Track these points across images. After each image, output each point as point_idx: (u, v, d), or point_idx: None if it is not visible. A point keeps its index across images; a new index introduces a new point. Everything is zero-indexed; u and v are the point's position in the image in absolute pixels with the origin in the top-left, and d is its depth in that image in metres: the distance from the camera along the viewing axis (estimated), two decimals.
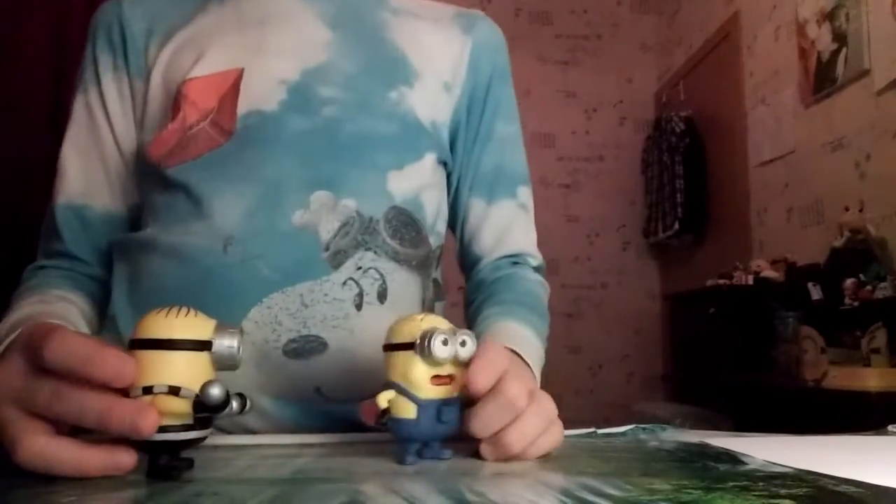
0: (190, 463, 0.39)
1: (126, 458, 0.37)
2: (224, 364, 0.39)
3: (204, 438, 0.39)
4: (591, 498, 0.32)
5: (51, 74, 2.30)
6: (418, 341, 0.42)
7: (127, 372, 0.37)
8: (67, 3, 2.37)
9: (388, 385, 0.43)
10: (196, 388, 0.37)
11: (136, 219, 0.74)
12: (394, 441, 0.45)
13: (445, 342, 0.42)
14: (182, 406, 0.36)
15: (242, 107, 0.67)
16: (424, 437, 0.44)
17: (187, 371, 0.37)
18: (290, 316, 0.62)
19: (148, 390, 0.36)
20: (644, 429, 0.58)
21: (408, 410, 0.43)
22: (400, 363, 0.43)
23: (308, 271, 0.64)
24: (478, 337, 0.67)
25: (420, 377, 0.42)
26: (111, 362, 0.37)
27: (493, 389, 0.44)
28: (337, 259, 0.65)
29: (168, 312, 0.38)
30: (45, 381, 0.38)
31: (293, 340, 0.63)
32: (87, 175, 0.73)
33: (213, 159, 0.66)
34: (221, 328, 0.39)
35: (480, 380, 0.43)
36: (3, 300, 0.65)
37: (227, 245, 0.63)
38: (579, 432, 0.57)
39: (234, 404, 0.38)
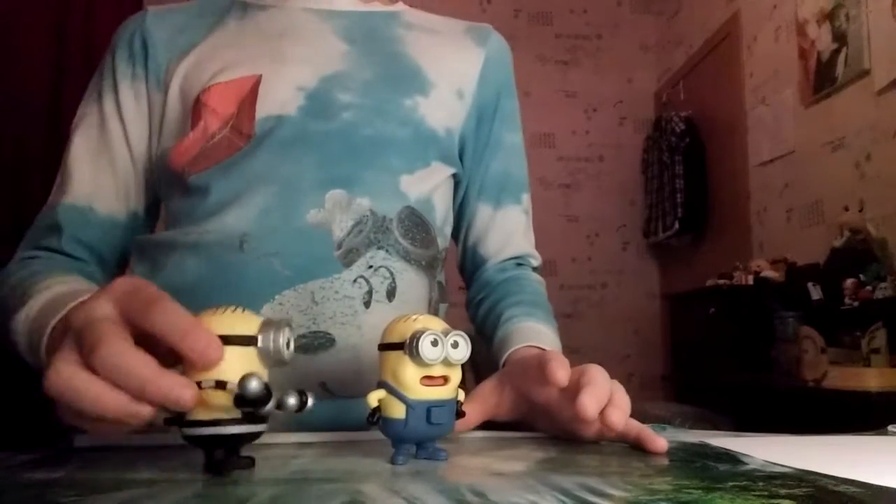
0: (250, 461, 0.39)
1: (145, 410, 0.36)
2: (272, 359, 0.39)
3: (259, 434, 0.39)
4: (591, 498, 0.32)
5: (51, 75, 2.31)
6: (407, 341, 0.42)
7: (214, 356, 0.36)
8: (67, 3, 2.37)
9: (380, 384, 0.43)
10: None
11: (135, 227, 0.76)
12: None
13: (435, 343, 0.41)
14: (220, 398, 0.36)
15: (261, 111, 0.69)
16: (413, 438, 0.43)
17: (235, 366, 0.37)
18: (300, 313, 0.64)
19: (197, 385, 0.36)
20: None
21: (397, 410, 0.42)
22: (391, 363, 0.43)
23: (320, 269, 0.65)
24: (506, 335, 0.69)
25: (409, 378, 0.42)
26: (203, 342, 0.36)
27: (585, 380, 0.48)
28: (349, 257, 0.66)
29: (216, 310, 0.39)
30: (114, 332, 0.37)
31: (302, 336, 0.64)
32: (95, 179, 0.74)
33: (233, 162, 0.69)
34: (268, 324, 0.39)
35: (561, 375, 0.48)
36: None
37: (243, 242, 0.65)
38: None
39: (292, 400, 0.38)
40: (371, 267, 0.67)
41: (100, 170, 0.74)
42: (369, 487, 0.34)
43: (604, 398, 0.47)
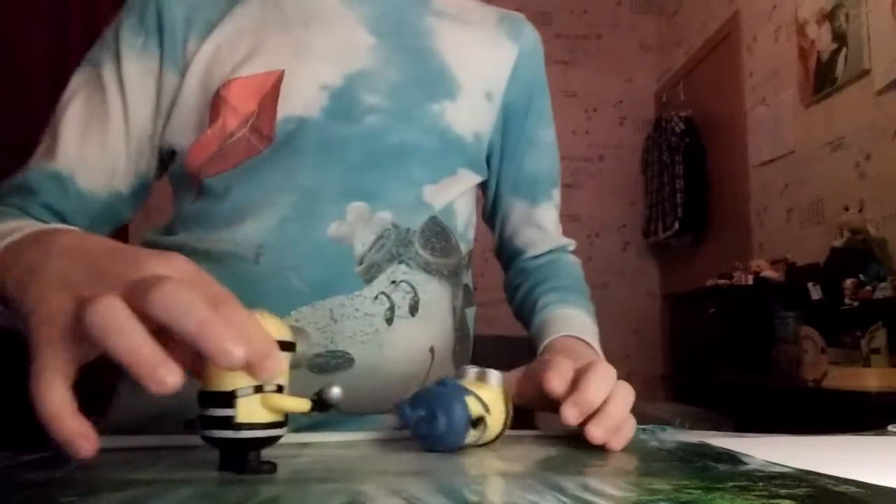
0: (273, 467, 0.40)
1: (172, 378, 0.32)
2: (297, 365, 0.40)
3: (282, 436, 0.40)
4: (591, 498, 0.32)
5: (51, 74, 2.30)
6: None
7: (274, 368, 0.35)
8: (67, 2, 2.36)
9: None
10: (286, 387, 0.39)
11: (116, 205, 0.71)
12: (393, 441, 0.46)
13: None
14: (292, 403, 0.38)
15: (282, 111, 0.66)
16: (419, 393, 0.48)
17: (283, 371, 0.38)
18: (317, 331, 0.61)
19: (258, 389, 0.37)
20: (644, 429, 0.57)
21: None
22: None
23: (339, 285, 0.63)
24: (542, 323, 0.74)
25: None
26: (266, 350, 0.35)
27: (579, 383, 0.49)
28: (370, 273, 0.64)
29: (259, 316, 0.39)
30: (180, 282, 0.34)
31: (319, 355, 0.61)
32: (81, 150, 0.68)
33: (251, 167, 0.66)
34: (296, 331, 0.41)
35: (555, 385, 0.49)
36: None
37: (259, 255, 0.62)
38: (579, 432, 0.57)
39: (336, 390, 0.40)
40: (393, 282, 0.65)
41: (88, 142, 0.68)
42: (369, 487, 0.34)
43: (588, 408, 0.48)
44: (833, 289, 2.23)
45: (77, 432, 0.33)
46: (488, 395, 0.48)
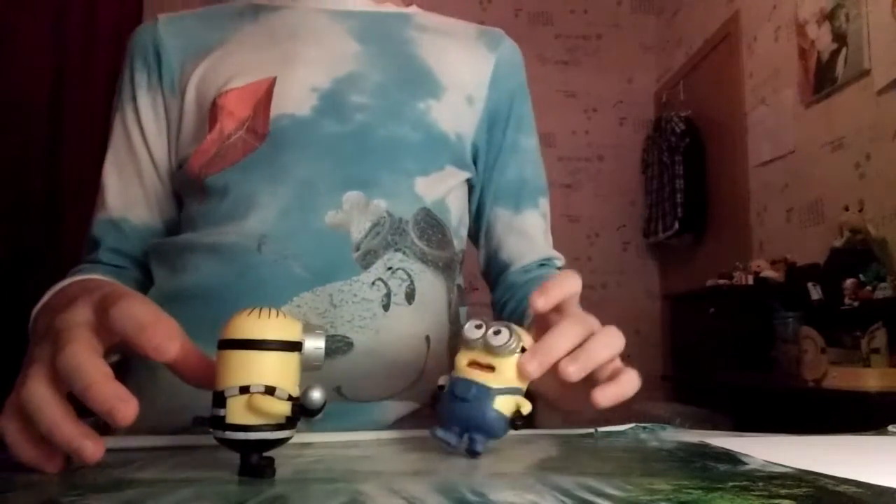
0: (272, 461, 0.39)
1: (89, 451, 0.37)
2: (310, 365, 0.39)
3: (291, 438, 0.39)
4: (591, 498, 0.32)
5: (50, 75, 2.30)
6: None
7: (170, 349, 0.38)
8: (66, 3, 2.36)
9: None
10: (288, 389, 0.37)
11: (172, 232, 0.77)
12: (393, 440, 0.47)
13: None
14: (277, 406, 0.36)
15: (275, 111, 0.70)
16: (444, 412, 0.45)
17: (279, 371, 0.37)
18: (318, 316, 0.63)
19: (245, 389, 0.36)
20: (644, 429, 0.58)
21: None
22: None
23: (338, 271, 0.65)
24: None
25: (460, 361, 0.45)
26: (160, 334, 0.38)
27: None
28: (367, 259, 0.66)
29: (260, 313, 0.38)
30: (83, 337, 0.39)
31: None
32: (124, 191, 0.76)
33: (249, 162, 0.69)
34: (308, 329, 0.39)
35: (530, 368, 0.45)
36: (3, 291, 0.64)
37: (262, 244, 0.65)
38: (579, 432, 0.57)
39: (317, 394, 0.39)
40: (389, 269, 0.67)
41: (128, 182, 0.76)
42: (369, 487, 0.34)
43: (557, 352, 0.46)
44: (833, 289, 2.23)
45: (121, 395, 0.36)
46: (509, 372, 0.44)
